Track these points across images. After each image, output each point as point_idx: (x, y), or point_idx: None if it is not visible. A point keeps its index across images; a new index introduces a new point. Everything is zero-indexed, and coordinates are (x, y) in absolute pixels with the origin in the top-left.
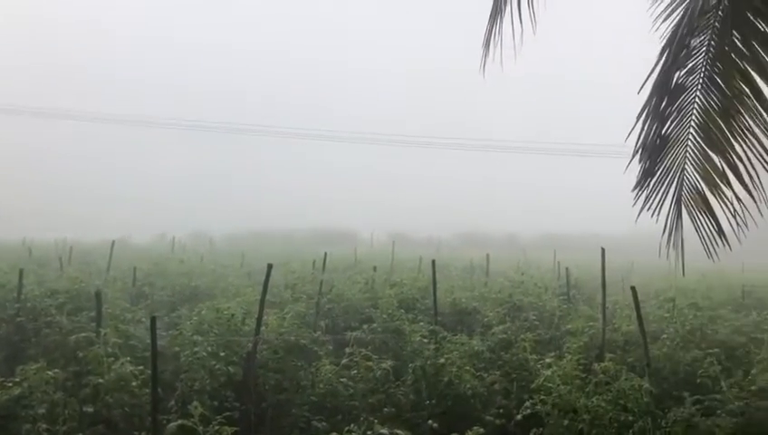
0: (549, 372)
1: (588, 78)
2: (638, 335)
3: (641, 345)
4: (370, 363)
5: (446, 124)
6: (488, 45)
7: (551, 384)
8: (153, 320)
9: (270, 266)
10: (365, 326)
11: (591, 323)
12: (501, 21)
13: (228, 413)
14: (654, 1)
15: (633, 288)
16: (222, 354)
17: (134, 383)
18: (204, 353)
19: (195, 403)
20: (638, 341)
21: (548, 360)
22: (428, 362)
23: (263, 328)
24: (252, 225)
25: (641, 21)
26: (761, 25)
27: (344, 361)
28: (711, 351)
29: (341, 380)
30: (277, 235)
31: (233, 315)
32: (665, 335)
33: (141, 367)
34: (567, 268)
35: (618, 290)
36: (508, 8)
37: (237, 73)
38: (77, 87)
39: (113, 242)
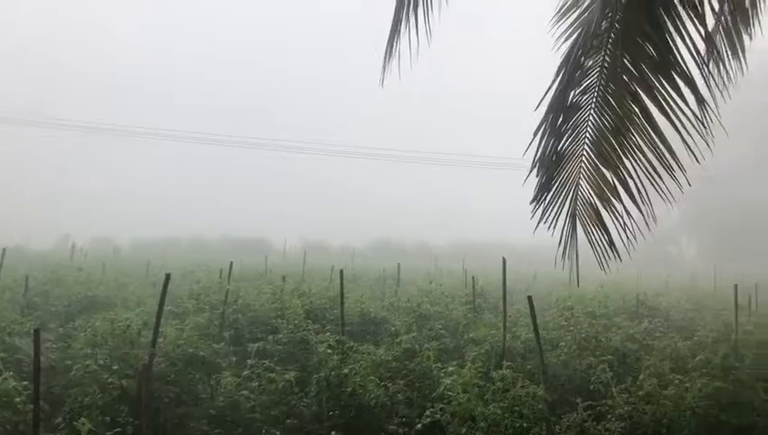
0: (449, 381)
1: (493, 93)
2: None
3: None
4: (273, 375)
5: (362, 135)
6: (388, 59)
7: (451, 393)
8: (36, 332)
9: (168, 276)
10: (270, 337)
11: (494, 332)
12: (399, 38)
13: (120, 429)
14: (556, 21)
15: (530, 298)
16: (115, 367)
17: (18, 399)
18: (96, 367)
19: (82, 419)
20: (537, 348)
21: (450, 368)
22: (333, 373)
23: (161, 340)
24: (160, 231)
25: (545, 39)
26: (649, 49)
27: (246, 372)
28: (604, 358)
29: (242, 392)
30: (187, 242)
31: (128, 326)
32: (562, 343)
33: (26, 382)
34: (474, 277)
35: (521, 299)
36: (404, 23)
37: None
38: None
39: (4, 250)
